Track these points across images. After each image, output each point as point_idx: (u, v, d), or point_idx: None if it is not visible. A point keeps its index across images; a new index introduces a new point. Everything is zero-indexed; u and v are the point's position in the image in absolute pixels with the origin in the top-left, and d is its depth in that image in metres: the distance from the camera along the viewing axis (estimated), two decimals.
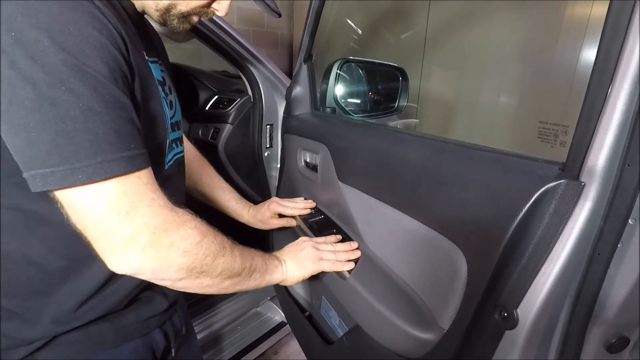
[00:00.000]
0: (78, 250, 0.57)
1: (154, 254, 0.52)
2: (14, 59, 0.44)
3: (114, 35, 0.50)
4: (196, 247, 0.57)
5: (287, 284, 0.85)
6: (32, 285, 0.62)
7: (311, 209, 1.18)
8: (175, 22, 0.66)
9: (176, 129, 0.77)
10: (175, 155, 0.76)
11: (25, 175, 0.47)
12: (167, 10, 0.64)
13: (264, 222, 1.14)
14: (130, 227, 0.50)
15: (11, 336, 0.62)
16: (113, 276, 0.64)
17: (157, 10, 0.64)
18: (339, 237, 1.01)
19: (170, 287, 0.59)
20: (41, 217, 0.58)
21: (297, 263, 0.85)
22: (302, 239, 0.94)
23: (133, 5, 0.65)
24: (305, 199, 1.22)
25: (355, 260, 0.95)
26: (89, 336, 0.67)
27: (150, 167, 0.54)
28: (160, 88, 0.67)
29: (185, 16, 0.66)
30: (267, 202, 1.16)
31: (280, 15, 0.79)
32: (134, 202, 0.51)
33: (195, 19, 0.69)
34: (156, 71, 0.68)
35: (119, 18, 0.55)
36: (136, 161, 0.51)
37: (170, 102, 0.74)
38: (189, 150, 1.06)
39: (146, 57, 0.64)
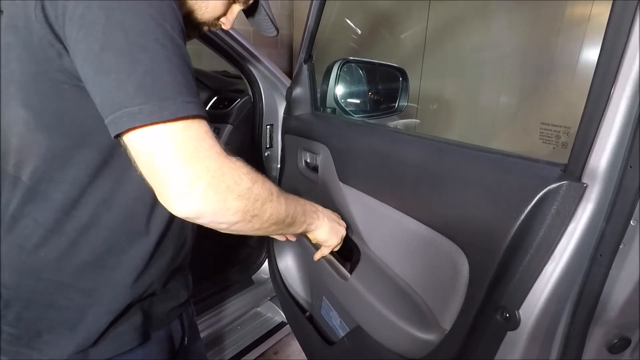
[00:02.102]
0: (126, 228, 0.65)
1: (213, 197, 0.55)
2: (110, 11, 0.49)
3: (178, 8, 0.56)
4: (248, 192, 0.59)
5: (311, 237, 0.88)
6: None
7: None
8: (188, 30, 0.69)
9: None
10: None
11: (109, 118, 0.50)
12: (187, 16, 0.68)
13: None
14: (192, 170, 0.53)
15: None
16: (153, 254, 0.70)
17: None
18: None
19: (226, 230, 0.62)
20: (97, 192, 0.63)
21: (330, 229, 0.89)
22: (338, 215, 0.97)
23: None
24: None
25: (356, 261, 0.96)
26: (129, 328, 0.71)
27: (207, 118, 0.57)
28: None
29: (197, 25, 0.71)
30: None
31: (278, 32, 0.85)
32: (197, 146, 0.53)
33: (205, 29, 0.74)
34: None
35: None
36: (202, 109, 0.55)
37: None
38: None
39: None
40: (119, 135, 0.52)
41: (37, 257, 0.64)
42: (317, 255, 0.97)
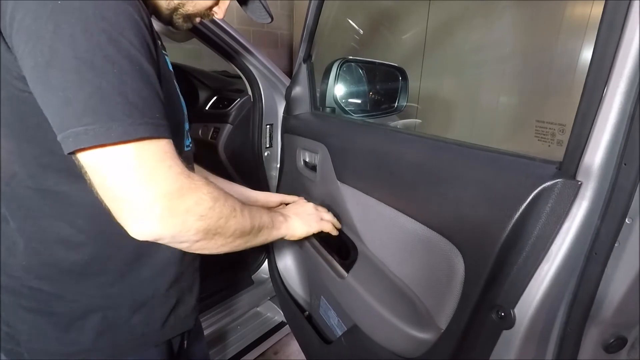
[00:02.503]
0: (108, 230, 0.61)
1: (172, 220, 0.54)
2: (58, 24, 0.47)
3: (143, 16, 0.54)
4: (210, 211, 0.59)
5: (292, 238, 0.89)
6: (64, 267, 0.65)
7: None
8: (180, 21, 0.71)
9: (187, 119, 0.79)
10: (190, 142, 0.79)
11: (59, 136, 0.49)
12: (176, 9, 0.69)
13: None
14: (148, 193, 0.51)
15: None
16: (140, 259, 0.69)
17: (167, 9, 0.68)
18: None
19: (187, 250, 0.61)
20: (69, 198, 0.61)
21: (301, 220, 0.91)
22: (302, 200, 1.01)
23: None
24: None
25: (353, 260, 0.96)
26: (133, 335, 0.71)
27: (170, 139, 0.56)
28: (173, 75, 0.72)
29: (189, 16, 0.71)
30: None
31: (272, 19, 0.85)
32: (154, 167, 0.52)
33: (197, 19, 0.74)
34: (168, 61, 0.73)
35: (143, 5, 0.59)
36: (160, 129, 0.53)
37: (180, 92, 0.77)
38: None
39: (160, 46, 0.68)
40: (71, 153, 0.50)
41: (19, 263, 0.63)
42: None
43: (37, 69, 0.48)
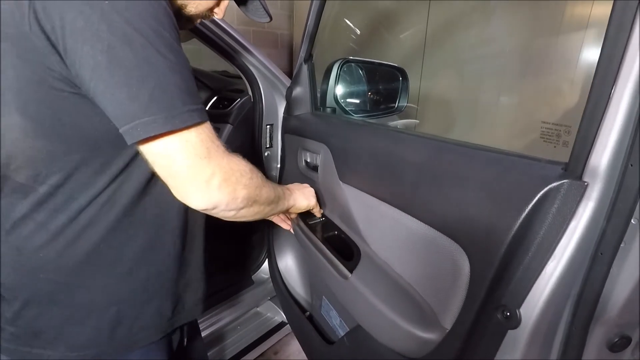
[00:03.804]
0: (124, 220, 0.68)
1: (226, 189, 0.62)
2: (111, 24, 0.50)
3: (171, 11, 0.58)
4: (250, 181, 0.68)
5: (295, 210, 1.00)
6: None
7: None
8: (182, 22, 0.72)
9: None
10: None
11: (124, 128, 0.53)
12: (179, 10, 0.70)
13: None
14: (209, 169, 0.59)
15: None
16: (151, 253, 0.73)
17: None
18: None
19: (232, 218, 0.69)
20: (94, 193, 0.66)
21: (303, 195, 1.01)
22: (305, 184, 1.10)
23: None
24: None
25: (357, 260, 0.96)
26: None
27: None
28: None
29: (191, 17, 0.73)
30: None
31: (271, 19, 0.87)
32: (209, 147, 0.59)
33: (198, 20, 0.76)
34: None
35: None
36: (205, 113, 0.59)
37: None
38: None
39: None
40: (134, 143, 0.55)
41: (36, 257, 0.64)
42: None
43: (98, 67, 0.51)
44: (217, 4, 0.75)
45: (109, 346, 0.70)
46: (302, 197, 1.00)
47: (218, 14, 0.77)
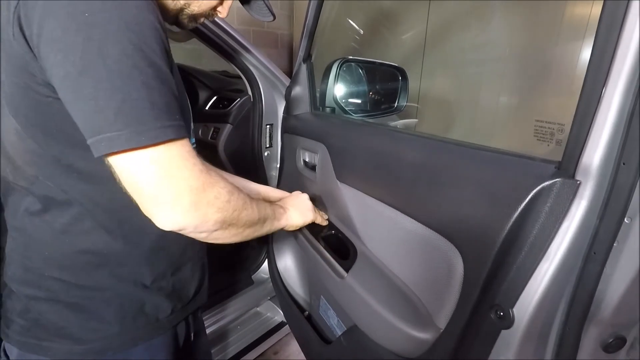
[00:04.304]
0: (125, 226, 0.68)
1: (195, 212, 0.59)
2: (88, 36, 0.49)
3: (161, 21, 0.57)
4: (227, 204, 0.64)
5: (291, 228, 0.96)
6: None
7: None
8: (185, 21, 0.73)
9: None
10: (194, 142, 0.81)
11: (90, 140, 0.52)
12: (182, 9, 0.70)
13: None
14: (175, 189, 0.56)
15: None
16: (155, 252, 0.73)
17: (173, 9, 0.70)
18: None
19: (205, 240, 0.66)
20: (89, 196, 0.66)
21: (299, 211, 0.97)
22: (296, 192, 1.06)
23: None
24: None
25: (353, 259, 0.96)
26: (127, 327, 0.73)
27: (188, 138, 0.60)
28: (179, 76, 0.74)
29: (194, 16, 0.73)
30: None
31: (274, 18, 0.87)
32: (179, 166, 0.57)
33: (201, 20, 0.75)
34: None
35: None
36: (182, 130, 0.57)
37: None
38: None
39: None
40: (100, 157, 0.54)
41: (42, 256, 0.66)
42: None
43: (68, 78, 0.51)
44: (221, 3, 0.74)
45: (114, 340, 0.71)
46: (297, 215, 0.96)
47: (222, 13, 0.76)
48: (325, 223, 1.08)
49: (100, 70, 0.50)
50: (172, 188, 0.56)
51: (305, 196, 1.03)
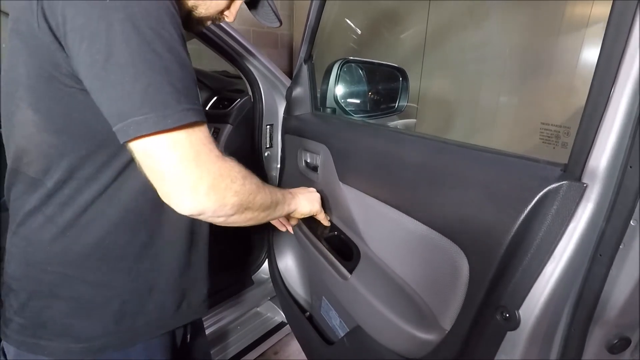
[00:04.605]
0: (129, 221, 0.68)
1: (214, 196, 0.60)
2: (110, 22, 0.50)
3: (176, 8, 0.57)
4: (242, 188, 0.65)
5: (298, 215, 0.97)
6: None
7: None
8: (193, 23, 0.73)
9: None
10: None
11: (116, 127, 0.53)
12: (188, 13, 0.70)
13: None
14: (196, 173, 0.57)
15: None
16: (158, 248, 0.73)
17: (183, 9, 0.69)
18: None
19: (222, 224, 0.67)
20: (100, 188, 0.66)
21: (307, 200, 0.98)
22: (305, 187, 1.06)
23: None
24: None
25: (356, 261, 0.96)
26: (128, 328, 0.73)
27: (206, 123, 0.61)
28: None
29: (202, 19, 0.73)
30: None
31: (281, 24, 0.87)
32: (199, 151, 0.57)
33: (208, 23, 0.76)
34: None
35: None
36: (202, 114, 0.58)
37: None
38: None
39: None
40: (126, 142, 0.55)
41: (44, 250, 0.66)
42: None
43: (94, 65, 0.52)
44: (228, 7, 0.75)
45: (113, 338, 0.71)
46: (306, 202, 0.97)
47: (229, 17, 0.76)
48: (327, 223, 1.09)
49: (124, 56, 0.51)
50: (193, 172, 0.57)
51: (314, 189, 1.04)
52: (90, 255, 0.67)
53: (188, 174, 0.57)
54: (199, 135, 0.58)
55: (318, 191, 1.03)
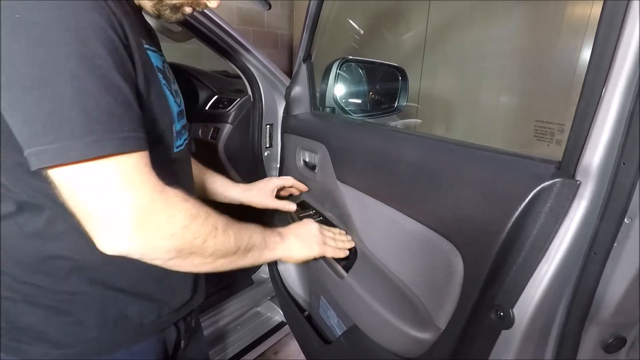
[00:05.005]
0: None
1: (140, 237, 0.53)
2: (16, 39, 0.45)
3: (112, 19, 0.51)
4: (184, 230, 0.57)
5: (291, 261, 0.86)
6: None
7: (311, 210, 1.18)
8: (167, 12, 0.67)
9: (183, 116, 0.79)
10: (185, 140, 0.78)
11: (25, 153, 0.48)
12: (158, 0, 0.65)
13: (263, 197, 1.13)
14: (116, 209, 0.51)
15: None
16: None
17: (151, 0, 0.65)
18: (342, 232, 1.01)
19: (162, 266, 0.60)
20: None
21: (302, 242, 0.86)
22: (308, 220, 0.95)
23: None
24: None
25: (353, 259, 0.95)
26: (108, 334, 0.69)
27: (145, 151, 0.54)
28: (160, 75, 0.68)
29: (176, 7, 0.67)
30: (268, 179, 1.17)
31: (270, 7, 0.83)
32: (122, 184, 0.51)
33: (187, 10, 0.69)
34: (156, 59, 0.68)
35: (118, 4, 0.56)
36: (128, 143, 0.51)
37: (175, 90, 0.75)
38: None
39: (145, 45, 0.64)
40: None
41: (16, 259, 0.63)
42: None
43: (0, 85, 0.47)
44: None
45: (93, 345, 0.68)
46: (298, 246, 0.85)
47: (212, 3, 0.69)
48: (342, 254, 0.95)
49: (28, 77, 0.46)
50: (112, 208, 0.51)
51: (315, 226, 0.93)
52: (61, 266, 0.63)
53: (106, 211, 0.51)
54: (122, 166, 0.51)
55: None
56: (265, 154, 1.60)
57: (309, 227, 0.92)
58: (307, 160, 1.25)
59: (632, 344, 0.62)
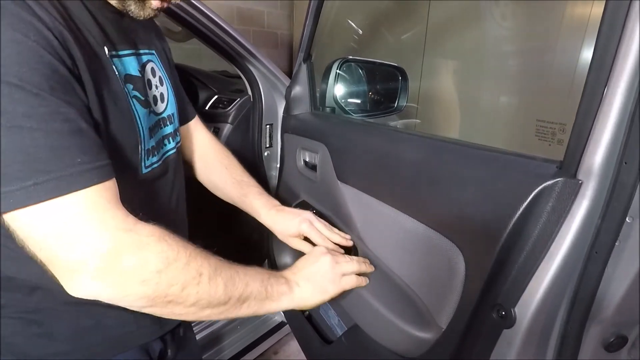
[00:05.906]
0: None
1: (105, 282, 0.48)
2: None
3: (47, 36, 0.45)
4: (157, 276, 0.50)
5: (303, 309, 0.75)
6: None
7: (311, 210, 1.18)
8: (132, 6, 0.60)
9: (168, 123, 0.74)
10: (165, 153, 0.73)
11: None
12: None
13: (283, 235, 0.96)
14: (75, 254, 0.46)
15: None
16: None
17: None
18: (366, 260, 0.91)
19: (140, 311, 0.54)
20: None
21: (314, 286, 0.74)
22: (319, 250, 0.81)
23: None
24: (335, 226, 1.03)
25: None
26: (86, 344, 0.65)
27: (108, 181, 0.49)
28: (129, 86, 0.62)
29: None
30: (299, 216, 0.94)
31: None
32: (79, 224, 0.46)
33: (155, 3, 0.61)
34: (129, 65, 0.63)
35: (65, 14, 0.50)
36: (82, 178, 0.46)
37: (160, 95, 0.71)
38: (207, 145, 1.03)
39: (111, 52, 0.59)
40: None
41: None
42: None
43: None
44: None
45: (68, 358, 0.64)
46: (310, 291, 0.72)
47: None
48: (364, 283, 0.83)
49: None
50: (69, 253, 0.45)
51: (326, 259, 0.78)
52: (21, 286, 0.58)
53: (65, 255, 0.45)
54: (81, 204, 0.46)
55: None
56: (265, 153, 1.60)
57: (319, 263, 0.78)
58: (307, 160, 1.25)
59: (634, 342, 0.63)
